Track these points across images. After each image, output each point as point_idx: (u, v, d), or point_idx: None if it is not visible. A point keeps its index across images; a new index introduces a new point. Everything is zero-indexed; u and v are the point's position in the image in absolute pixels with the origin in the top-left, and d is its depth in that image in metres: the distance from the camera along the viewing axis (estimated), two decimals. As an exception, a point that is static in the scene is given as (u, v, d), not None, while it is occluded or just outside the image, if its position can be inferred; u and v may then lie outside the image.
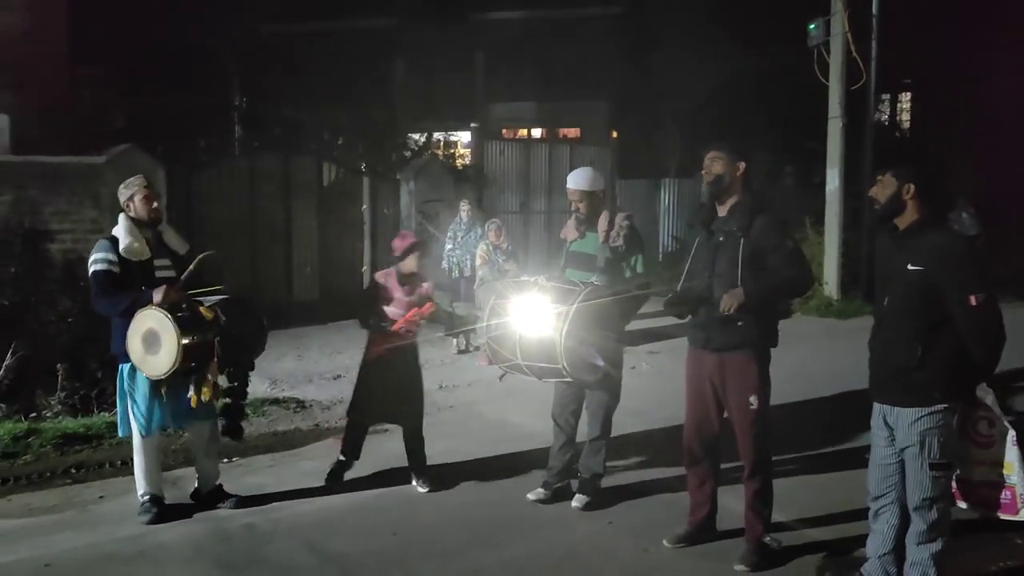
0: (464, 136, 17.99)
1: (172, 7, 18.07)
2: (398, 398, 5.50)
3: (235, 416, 5.07)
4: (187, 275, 4.79)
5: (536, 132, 21.50)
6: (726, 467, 4.76)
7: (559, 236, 5.50)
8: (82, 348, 7.44)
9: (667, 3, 19.27)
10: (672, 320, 4.73)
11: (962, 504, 4.83)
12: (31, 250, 8.30)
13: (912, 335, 3.74)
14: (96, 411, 7.01)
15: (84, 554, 4.62)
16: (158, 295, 4.64)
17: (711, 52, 18.29)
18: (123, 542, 4.74)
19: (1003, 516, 4.79)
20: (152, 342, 4.60)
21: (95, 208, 8.99)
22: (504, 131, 19.82)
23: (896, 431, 3.83)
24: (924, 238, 3.77)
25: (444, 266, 10.43)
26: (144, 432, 4.89)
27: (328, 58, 18.88)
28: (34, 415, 6.88)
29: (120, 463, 6.02)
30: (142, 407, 4.83)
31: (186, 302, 4.68)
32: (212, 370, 4.71)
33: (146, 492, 5.00)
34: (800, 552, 4.58)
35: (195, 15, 17.88)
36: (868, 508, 4.05)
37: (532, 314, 4.78)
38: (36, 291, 7.92)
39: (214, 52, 19.24)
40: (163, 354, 4.58)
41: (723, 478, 4.75)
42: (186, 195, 10.94)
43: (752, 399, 4.37)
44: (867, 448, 4.12)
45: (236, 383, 4.99)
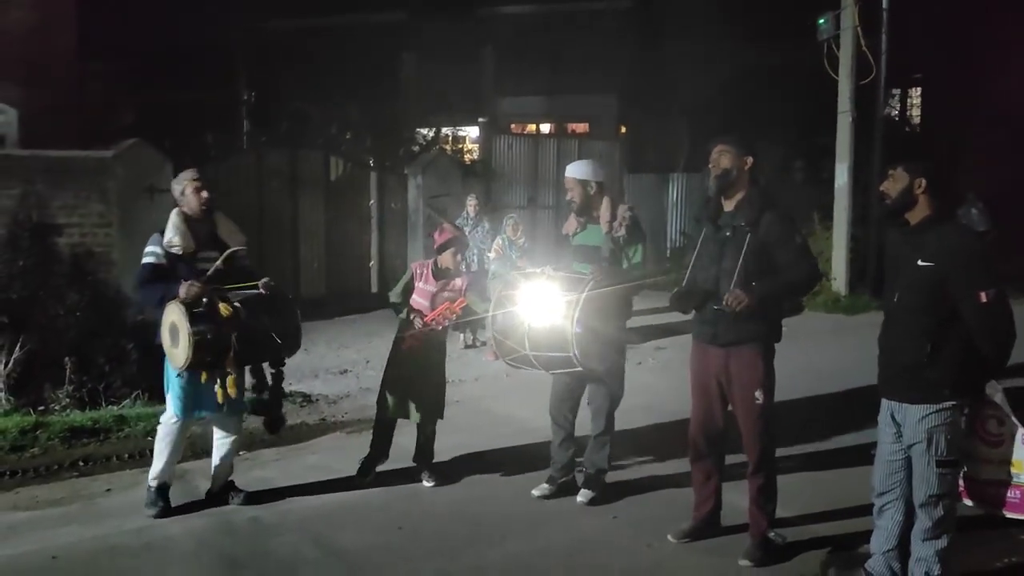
0: (472, 131, 17.98)
1: (181, 2, 18.07)
2: (420, 393, 5.50)
3: (272, 409, 5.10)
4: (212, 270, 4.83)
5: (544, 127, 21.44)
6: (731, 463, 4.75)
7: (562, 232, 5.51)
8: (90, 342, 7.46)
9: (676, -3, 19.24)
10: (679, 315, 4.72)
11: (968, 502, 4.83)
12: (39, 244, 8.31)
13: (921, 331, 3.71)
14: (103, 404, 7.04)
15: (91, 546, 4.65)
16: (183, 289, 4.68)
17: (720, 47, 18.19)
18: (129, 535, 4.77)
19: (1009, 515, 4.79)
20: (175, 335, 4.67)
21: (103, 202, 9.01)
22: (512, 126, 19.77)
23: (904, 427, 3.81)
24: (934, 234, 3.73)
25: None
26: (179, 414, 4.91)
27: (336, 53, 18.84)
28: (42, 408, 6.90)
29: (127, 456, 6.06)
30: (180, 391, 4.88)
31: (208, 297, 4.69)
32: (230, 365, 4.73)
33: (157, 478, 5.02)
34: (804, 548, 4.57)
35: (203, 10, 17.89)
36: (872, 504, 4.04)
37: (541, 303, 4.77)
38: (44, 285, 7.93)
39: (223, 47, 19.27)
40: (181, 347, 4.63)
41: (728, 474, 4.74)
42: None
43: (757, 394, 4.36)
44: (873, 444, 4.09)
45: (261, 379, 5.02)
